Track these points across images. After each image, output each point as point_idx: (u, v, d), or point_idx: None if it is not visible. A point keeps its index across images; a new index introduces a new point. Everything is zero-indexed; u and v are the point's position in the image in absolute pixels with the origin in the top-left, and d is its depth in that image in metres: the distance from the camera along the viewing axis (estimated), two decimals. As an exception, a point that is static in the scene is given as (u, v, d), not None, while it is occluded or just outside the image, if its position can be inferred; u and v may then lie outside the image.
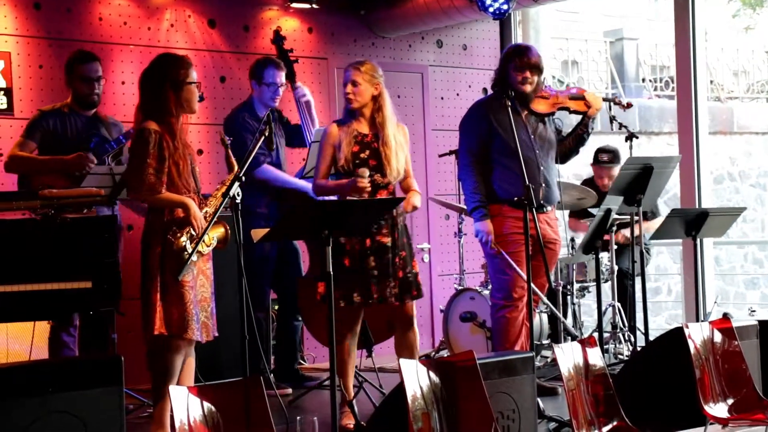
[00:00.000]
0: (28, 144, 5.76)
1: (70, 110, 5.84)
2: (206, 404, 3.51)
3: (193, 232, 4.57)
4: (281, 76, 6.23)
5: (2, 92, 6.45)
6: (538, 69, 5.66)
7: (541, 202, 5.61)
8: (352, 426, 4.90)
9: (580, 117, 5.82)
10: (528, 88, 5.65)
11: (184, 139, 4.69)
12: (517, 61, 5.64)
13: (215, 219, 4.63)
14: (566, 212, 7.34)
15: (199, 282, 4.64)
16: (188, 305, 4.54)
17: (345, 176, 5.09)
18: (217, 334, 4.80)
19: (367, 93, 5.13)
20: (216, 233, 4.68)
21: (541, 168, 5.64)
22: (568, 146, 5.89)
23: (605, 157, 7.43)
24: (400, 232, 5.12)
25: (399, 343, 5.22)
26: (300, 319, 6.45)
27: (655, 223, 6.73)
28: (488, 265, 5.88)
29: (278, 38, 6.61)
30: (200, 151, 7.17)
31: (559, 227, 5.97)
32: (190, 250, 4.52)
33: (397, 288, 5.06)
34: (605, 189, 7.40)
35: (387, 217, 5.08)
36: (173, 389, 3.52)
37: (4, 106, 6.43)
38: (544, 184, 5.64)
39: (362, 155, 5.10)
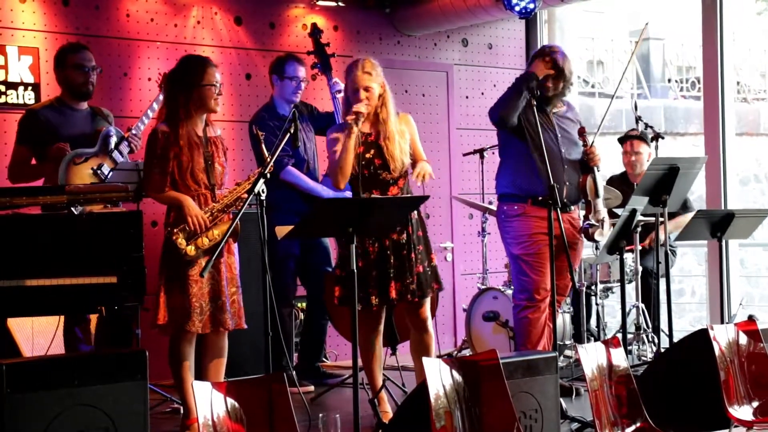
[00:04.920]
0: (20, 150, 5.56)
1: (61, 104, 5.64)
2: (230, 400, 3.52)
3: (189, 229, 4.72)
4: (303, 71, 6.27)
5: (30, 88, 6.49)
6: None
7: (565, 201, 5.61)
8: (389, 416, 4.89)
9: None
10: (551, 92, 5.67)
11: (197, 138, 4.82)
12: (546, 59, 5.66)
13: (227, 214, 4.81)
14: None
15: (208, 275, 4.72)
16: (191, 298, 4.71)
17: (354, 179, 5.00)
18: (245, 326, 4.92)
19: (377, 95, 5.05)
20: (221, 229, 4.76)
21: (567, 167, 5.64)
22: None
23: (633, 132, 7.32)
24: (414, 226, 5.03)
25: (414, 347, 5.18)
26: (327, 317, 6.44)
27: (688, 217, 6.67)
28: (511, 265, 5.87)
29: (315, 31, 6.62)
30: (225, 148, 7.18)
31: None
32: (184, 246, 4.70)
33: (415, 284, 4.98)
34: (630, 167, 7.30)
35: None
36: (196, 385, 3.54)
37: (32, 102, 6.47)
38: (568, 183, 5.64)
39: (367, 155, 5.02)
